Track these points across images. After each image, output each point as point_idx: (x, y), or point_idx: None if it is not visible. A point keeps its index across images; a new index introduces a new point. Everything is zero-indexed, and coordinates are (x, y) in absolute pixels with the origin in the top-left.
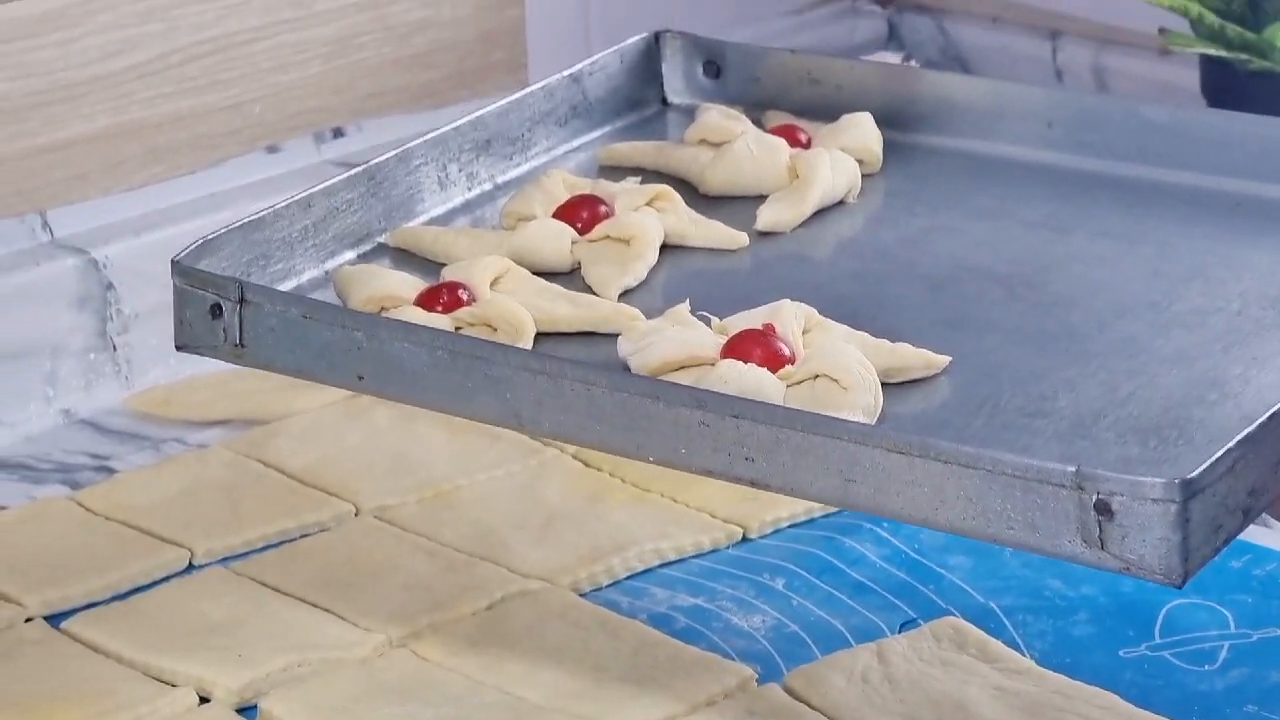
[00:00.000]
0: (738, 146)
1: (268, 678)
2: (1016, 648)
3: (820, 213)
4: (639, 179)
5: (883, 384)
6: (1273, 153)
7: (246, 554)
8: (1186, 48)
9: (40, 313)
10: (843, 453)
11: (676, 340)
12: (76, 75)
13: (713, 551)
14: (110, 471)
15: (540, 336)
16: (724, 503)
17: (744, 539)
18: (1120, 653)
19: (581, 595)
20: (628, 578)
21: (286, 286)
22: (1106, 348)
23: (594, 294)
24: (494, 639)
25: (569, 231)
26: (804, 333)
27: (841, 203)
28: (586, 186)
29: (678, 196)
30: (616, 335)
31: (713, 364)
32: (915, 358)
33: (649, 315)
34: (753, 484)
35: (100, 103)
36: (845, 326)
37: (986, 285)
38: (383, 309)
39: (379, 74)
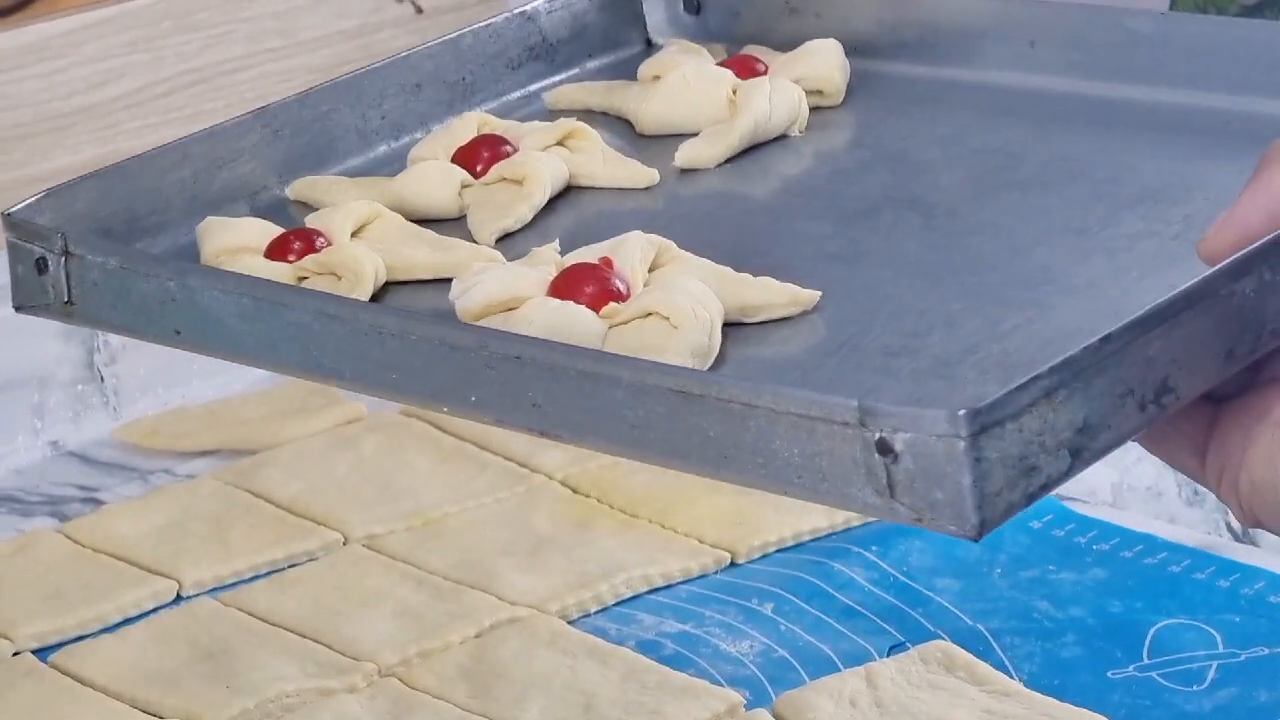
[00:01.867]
0: (672, 79)
1: (257, 708)
2: (1005, 670)
3: (762, 147)
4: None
5: (746, 323)
6: (1269, 62)
7: (235, 584)
8: None
9: (27, 344)
10: (624, 397)
11: (501, 280)
12: (62, 106)
13: (701, 577)
14: (98, 503)
15: (399, 285)
16: (712, 528)
17: (732, 564)
18: (1108, 674)
19: (570, 622)
20: (616, 604)
21: (161, 244)
22: (1009, 279)
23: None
24: (483, 667)
25: (458, 174)
26: (654, 269)
27: (786, 137)
28: (503, 128)
29: (595, 134)
30: None
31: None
32: (779, 294)
33: None
34: (543, 434)
35: (86, 134)
36: (707, 261)
37: (905, 216)
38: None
39: None
